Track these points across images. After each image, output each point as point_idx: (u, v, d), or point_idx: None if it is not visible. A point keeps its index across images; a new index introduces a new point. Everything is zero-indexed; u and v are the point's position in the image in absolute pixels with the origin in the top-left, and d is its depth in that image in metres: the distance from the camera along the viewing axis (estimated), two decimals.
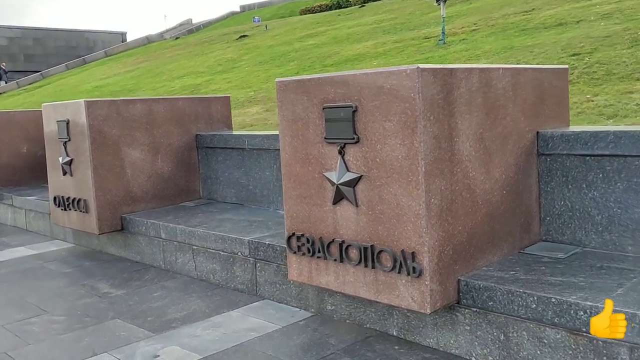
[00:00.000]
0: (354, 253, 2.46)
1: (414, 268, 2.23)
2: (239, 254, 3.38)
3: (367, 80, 2.33)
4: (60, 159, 4.37)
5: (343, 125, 2.43)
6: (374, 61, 8.36)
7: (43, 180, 6.38)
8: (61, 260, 4.34)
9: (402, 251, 2.26)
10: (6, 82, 27.47)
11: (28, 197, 5.55)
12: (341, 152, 2.46)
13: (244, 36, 17.82)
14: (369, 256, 2.39)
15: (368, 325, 2.70)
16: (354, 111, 2.38)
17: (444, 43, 8.44)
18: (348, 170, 2.44)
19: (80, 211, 4.28)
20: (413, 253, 2.23)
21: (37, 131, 6.39)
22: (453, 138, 2.31)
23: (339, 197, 2.49)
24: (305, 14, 24.13)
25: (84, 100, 4.11)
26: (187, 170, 4.67)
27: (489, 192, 2.49)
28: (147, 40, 29.33)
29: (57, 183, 4.50)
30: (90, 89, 14.42)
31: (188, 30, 31.57)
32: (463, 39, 8.42)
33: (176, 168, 4.60)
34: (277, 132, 4.33)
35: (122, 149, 4.28)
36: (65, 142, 4.33)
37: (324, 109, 2.50)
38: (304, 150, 2.62)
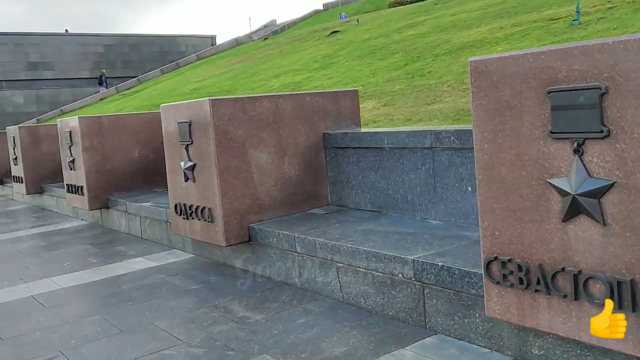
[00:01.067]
0: (597, 288, 1.81)
1: None
2: (400, 275, 2.80)
3: (626, 49, 1.66)
4: (182, 163, 4.00)
5: (582, 114, 1.78)
6: (497, 47, 7.54)
7: (155, 185, 6.18)
8: (184, 275, 3.98)
9: None
10: (107, 88, 28.79)
11: (143, 204, 5.30)
12: (578, 151, 1.81)
13: (335, 32, 17.35)
14: (626, 295, 1.73)
15: None
16: (603, 94, 1.73)
17: (580, 23, 7.47)
18: (590, 176, 1.79)
19: (205, 220, 3.89)
20: None
21: (148, 134, 6.20)
22: None
23: (573, 212, 1.84)
24: (395, 6, 23.34)
25: (209, 99, 3.70)
26: (315, 173, 4.17)
27: None
28: (237, 42, 29.69)
29: (179, 190, 4.14)
30: (188, 91, 14.50)
31: (273, 31, 31.68)
32: (601, 18, 7.41)
33: (303, 171, 4.11)
34: (423, 128, 3.72)
35: (249, 152, 3.84)
36: (187, 145, 3.95)
37: (549, 93, 1.86)
38: (514, 149, 2.00)
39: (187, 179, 4.02)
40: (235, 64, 17.98)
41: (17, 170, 8.33)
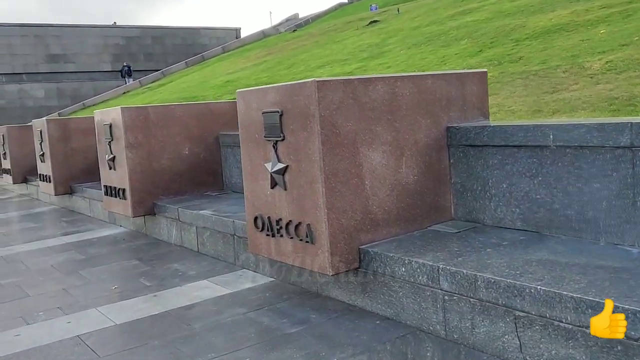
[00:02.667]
0: None
1: None
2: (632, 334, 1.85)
3: None
4: (269, 165, 3.09)
5: None
6: (598, 29, 6.53)
7: (205, 187, 5.32)
8: (271, 309, 3.06)
9: None
10: (127, 81, 28.04)
11: (200, 211, 4.40)
12: None
13: (375, 21, 16.35)
14: None
15: None
16: None
17: None
18: None
19: (300, 240, 2.97)
20: None
21: (200, 128, 5.34)
22: None
23: None
24: None
25: (314, 80, 2.77)
26: (436, 178, 3.23)
27: None
28: (263, 35, 28.78)
29: (261, 198, 3.23)
30: (221, 83, 13.60)
31: (297, 25, 30.70)
32: None
33: (423, 176, 3.17)
34: (614, 120, 2.74)
35: (360, 151, 2.91)
36: (277, 141, 3.03)
37: None
38: None
39: (274, 186, 3.11)
40: (266, 56, 17.06)
41: (45, 167, 7.50)
